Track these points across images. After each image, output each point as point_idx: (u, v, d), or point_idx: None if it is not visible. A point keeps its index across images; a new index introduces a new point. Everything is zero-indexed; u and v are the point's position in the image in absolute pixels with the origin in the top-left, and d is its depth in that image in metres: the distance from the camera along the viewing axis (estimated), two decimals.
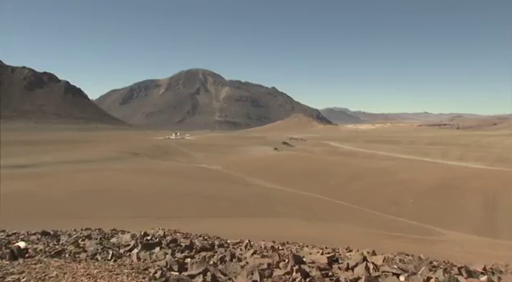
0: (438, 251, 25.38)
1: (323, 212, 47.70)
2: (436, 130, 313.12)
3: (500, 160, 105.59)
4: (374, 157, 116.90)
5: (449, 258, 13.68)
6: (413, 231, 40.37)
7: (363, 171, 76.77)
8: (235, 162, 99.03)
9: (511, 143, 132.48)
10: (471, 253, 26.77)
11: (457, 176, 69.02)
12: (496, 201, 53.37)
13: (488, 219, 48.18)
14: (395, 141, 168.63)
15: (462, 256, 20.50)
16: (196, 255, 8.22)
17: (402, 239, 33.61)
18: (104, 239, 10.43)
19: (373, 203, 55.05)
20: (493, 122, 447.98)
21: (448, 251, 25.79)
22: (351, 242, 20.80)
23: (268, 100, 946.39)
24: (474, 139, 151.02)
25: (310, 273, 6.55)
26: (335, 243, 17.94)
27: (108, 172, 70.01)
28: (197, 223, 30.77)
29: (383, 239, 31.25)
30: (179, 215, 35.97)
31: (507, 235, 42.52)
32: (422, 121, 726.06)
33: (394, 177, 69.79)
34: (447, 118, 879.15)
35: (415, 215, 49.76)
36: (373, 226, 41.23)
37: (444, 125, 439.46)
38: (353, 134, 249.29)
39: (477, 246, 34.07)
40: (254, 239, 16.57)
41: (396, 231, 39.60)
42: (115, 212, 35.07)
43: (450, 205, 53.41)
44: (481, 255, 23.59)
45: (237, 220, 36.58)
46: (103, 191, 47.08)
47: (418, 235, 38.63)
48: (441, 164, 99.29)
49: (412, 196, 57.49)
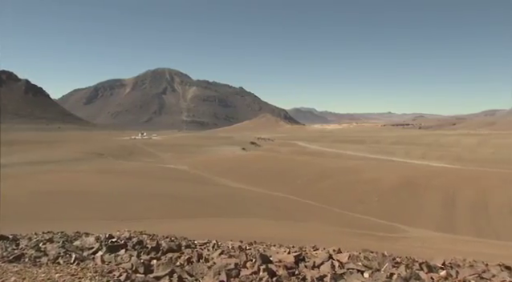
0: (401, 247, 26.10)
1: (291, 212, 48.12)
2: (399, 130, 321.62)
3: (458, 159, 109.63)
4: (340, 156, 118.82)
5: (412, 254, 14.08)
6: (378, 229, 41.30)
7: (330, 170, 77.86)
8: (203, 162, 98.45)
9: (468, 142, 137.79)
10: (432, 249, 27.65)
11: (420, 175, 71.11)
12: (455, 198, 55.38)
13: (448, 215, 49.97)
14: (360, 141, 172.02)
15: (424, 252, 21.13)
16: (162, 256, 8.13)
17: (367, 236, 34.31)
18: (67, 242, 10.14)
19: (340, 201, 55.96)
20: (452, 122, 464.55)
21: (410, 248, 26.56)
22: (319, 240, 21.07)
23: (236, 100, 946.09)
24: (435, 139, 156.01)
25: (276, 272, 6.60)
26: (302, 242, 18.12)
27: (72, 173, 68.18)
28: (164, 224, 30.40)
29: (349, 237, 31.81)
30: (146, 217, 35.41)
31: (465, 231, 44.28)
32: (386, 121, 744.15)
33: (360, 176, 71.15)
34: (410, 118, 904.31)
35: (380, 213, 50.97)
36: (340, 224, 41.92)
37: (407, 125, 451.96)
38: (320, 134, 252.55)
39: (437, 242, 35.22)
40: (222, 239, 16.51)
41: (362, 229, 40.40)
42: (79, 214, 34.15)
43: (413, 203, 55.01)
44: (441, 251, 24.36)
45: (205, 221, 36.39)
46: (67, 193, 45.77)
47: (383, 232, 39.56)
48: (405, 163, 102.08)
49: (377, 195, 58.80)
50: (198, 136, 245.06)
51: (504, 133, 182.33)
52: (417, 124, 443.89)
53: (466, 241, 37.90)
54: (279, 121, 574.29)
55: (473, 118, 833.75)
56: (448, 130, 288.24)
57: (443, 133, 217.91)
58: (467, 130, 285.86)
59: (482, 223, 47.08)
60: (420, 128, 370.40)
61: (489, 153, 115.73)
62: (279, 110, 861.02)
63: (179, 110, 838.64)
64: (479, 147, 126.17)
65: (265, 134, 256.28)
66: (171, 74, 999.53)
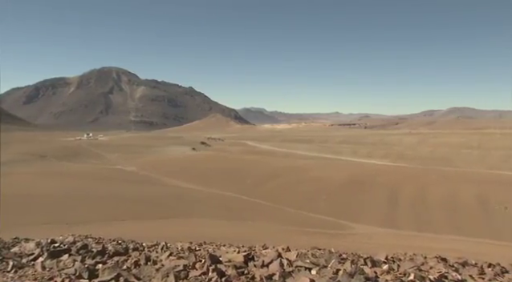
0: (349, 244, 26.96)
1: (241, 211, 48.28)
2: (346, 130, 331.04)
3: (401, 157, 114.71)
4: (290, 156, 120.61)
5: (358, 250, 14.61)
6: (327, 227, 42.36)
7: (279, 169, 78.86)
8: (152, 162, 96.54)
9: (410, 141, 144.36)
10: (377, 244, 28.77)
11: (366, 173, 73.69)
12: (398, 195, 57.91)
13: (391, 212, 52.15)
14: (309, 140, 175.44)
15: (369, 248, 21.94)
16: (108, 260, 7.90)
17: (316, 234, 35.12)
18: (4, 249, 9.61)
19: (289, 200, 56.81)
20: (395, 121, 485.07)
21: (357, 244, 27.50)
22: (268, 239, 21.31)
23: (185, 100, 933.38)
24: (379, 138, 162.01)
25: (226, 272, 6.61)
26: (252, 242, 18.27)
27: (12, 176, 64.48)
28: (111, 227, 29.55)
29: (298, 236, 32.41)
30: (92, 220, 34.22)
31: (407, 226, 46.44)
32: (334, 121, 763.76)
33: (309, 175, 72.60)
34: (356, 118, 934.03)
35: (328, 210, 52.26)
36: (289, 223, 42.58)
37: (353, 124, 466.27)
38: (270, 134, 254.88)
39: (382, 237, 36.70)
40: (172, 240, 16.30)
41: (311, 227, 41.27)
42: (19, 219, 32.38)
43: (360, 200, 56.89)
44: (385, 246, 25.39)
45: (154, 222, 35.74)
46: (6, 197, 43.25)
47: (331, 229, 40.64)
48: (352, 162, 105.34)
49: (325, 193, 60.25)
50: (147, 136, 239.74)
51: (441, 132, 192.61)
52: (363, 124, 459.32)
53: (408, 236, 39.78)
54: (229, 121, 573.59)
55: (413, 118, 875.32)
56: (391, 130, 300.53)
57: (387, 132, 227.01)
58: (408, 129, 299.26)
59: (422, 218, 49.55)
60: (366, 128, 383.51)
61: (429, 151, 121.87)
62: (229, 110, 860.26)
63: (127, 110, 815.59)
64: (419, 146, 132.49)
65: (215, 134, 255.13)
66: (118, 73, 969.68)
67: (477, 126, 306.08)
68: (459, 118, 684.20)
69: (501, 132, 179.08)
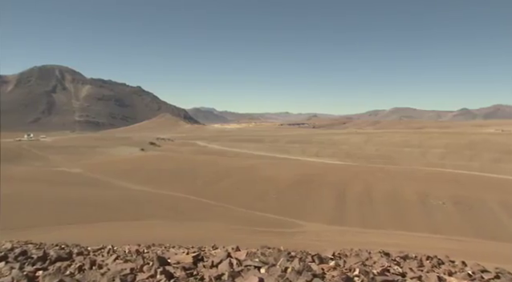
0: (298, 242, 27.42)
1: (192, 212, 47.83)
2: (295, 129, 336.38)
3: (348, 156, 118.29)
4: (240, 155, 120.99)
5: (306, 247, 14.89)
6: (277, 225, 42.86)
7: (230, 169, 78.87)
8: (98, 164, 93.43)
9: (357, 140, 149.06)
10: (325, 241, 29.48)
11: (314, 172, 75.31)
12: (345, 193, 59.72)
13: (339, 209, 53.70)
14: (259, 140, 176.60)
15: (317, 245, 22.46)
16: (50, 266, 7.55)
17: (266, 233, 35.43)
18: None
19: (240, 200, 56.98)
20: (342, 121, 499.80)
21: (306, 241, 28.04)
22: (219, 239, 21.26)
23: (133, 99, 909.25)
24: (328, 137, 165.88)
25: (174, 274, 6.52)
26: (202, 242, 18.15)
27: None
28: (55, 232, 28.29)
29: (248, 235, 32.55)
30: (34, 225, 32.58)
31: (354, 223, 48.01)
32: (283, 120, 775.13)
33: (259, 174, 73.16)
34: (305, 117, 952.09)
35: (278, 209, 52.93)
36: (240, 222, 42.67)
37: (302, 124, 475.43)
38: (220, 134, 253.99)
39: (330, 234, 37.64)
40: (119, 243, 15.88)
41: (262, 225, 41.59)
42: None
43: (309, 199, 58.07)
44: (332, 243, 26.10)
45: (101, 226, 34.58)
46: None
47: (281, 228, 41.15)
48: (301, 161, 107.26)
49: (275, 192, 60.96)
50: (93, 137, 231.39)
51: (386, 132, 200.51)
52: (312, 124, 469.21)
53: (355, 232, 41.05)
54: (179, 121, 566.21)
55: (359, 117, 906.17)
56: (339, 130, 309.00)
57: (334, 132, 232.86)
58: (355, 129, 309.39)
59: (368, 215, 51.43)
60: (314, 127, 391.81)
61: (374, 150, 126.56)
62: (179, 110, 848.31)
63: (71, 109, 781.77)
64: (365, 145, 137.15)
65: (164, 135, 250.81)
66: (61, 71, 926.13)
67: (417, 125, 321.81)
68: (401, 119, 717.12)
69: (439, 131, 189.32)
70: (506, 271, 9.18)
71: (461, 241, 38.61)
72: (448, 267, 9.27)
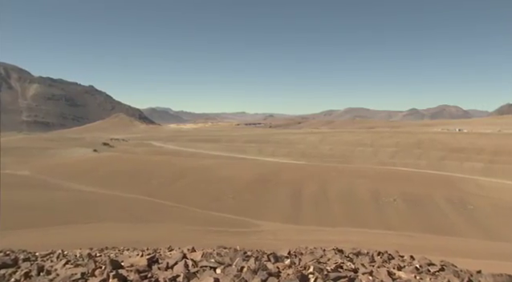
0: (254, 241, 27.59)
1: (147, 213, 46.94)
2: (252, 129, 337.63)
3: (304, 155, 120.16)
4: (197, 156, 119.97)
5: (263, 247, 15.04)
6: (233, 225, 42.89)
7: (186, 170, 78.06)
8: (48, 166, 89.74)
9: (312, 139, 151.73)
10: (281, 240, 29.83)
11: (271, 171, 75.95)
12: (301, 192, 60.68)
13: (295, 208, 54.50)
14: (216, 140, 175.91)
15: (273, 244, 22.71)
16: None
17: (223, 233, 35.37)
18: None
19: (196, 200, 56.56)
20: (298, 121, 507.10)
21: (262, 241, 28.25)
22: (175, 241, 21.05)
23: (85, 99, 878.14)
24: (283, 137, 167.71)
25: (128, 277, 6.42)
26: (158, 244, 17.90)
27: None
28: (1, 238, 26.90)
29: (205, 235, 32.38)
30: None
31: (309, 221, 48.91)
32: (240, 120, 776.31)
33: (216, 174, 72.88)
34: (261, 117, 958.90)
35: (235, 209, 52.98)
36: (197, 223, 42.37)
37: (259, 124, 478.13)
38: (176, 134, 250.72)
39: (286, 233, 38.13)
40: (70, 248, 15.37)
41: (218, 226, 41.48)
42: None
43: (265, 198, 58.51)
44: (288, 241, 26.47)
45: (51, 230, 33.22)
46: None
47: (237, 228, 41.21)
48: (257, 160, 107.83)
49: (232, 192, 60.97)
50: (43, 138, 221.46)
51: (340, 131, 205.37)
52: (268, 123, 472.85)
53: (310, 230, 41.80)
54: (134, 121, 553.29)
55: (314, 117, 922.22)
56: (294, 129, 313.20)
57: (290, 131, 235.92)
58: (310, 128, 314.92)
59: (323, 213, 52.53)
60: (271, 127, 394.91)
61: (328, 149, 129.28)
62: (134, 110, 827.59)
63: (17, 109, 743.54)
64: (320, 144, 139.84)
65: (119, 135, 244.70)
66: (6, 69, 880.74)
67: (370, 125, 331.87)
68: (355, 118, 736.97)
69: (390, 131, 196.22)
70: (450, 263, 9.71)
71: (411, 236, 40.24)
72: (397, 262, 9.68)
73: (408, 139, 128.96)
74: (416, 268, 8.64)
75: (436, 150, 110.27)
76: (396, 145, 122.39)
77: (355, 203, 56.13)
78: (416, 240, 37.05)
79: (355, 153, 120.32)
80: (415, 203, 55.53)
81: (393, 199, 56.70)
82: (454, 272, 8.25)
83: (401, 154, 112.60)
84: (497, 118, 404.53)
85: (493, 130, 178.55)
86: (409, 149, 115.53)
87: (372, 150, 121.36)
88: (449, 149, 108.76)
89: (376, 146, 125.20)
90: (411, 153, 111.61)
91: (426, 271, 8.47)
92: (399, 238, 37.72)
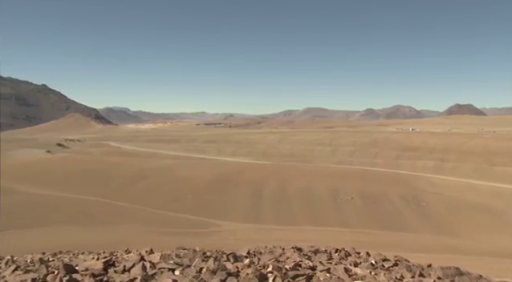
0: (214, 241, 27.52)
1: (104, 215, 45.79)
2: (212, 129, 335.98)
3: (264, 155, 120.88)
4: (156, 156, 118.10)
5: (223, 247, 15.02)
6: (193, 226, 42.58)
7: (145, 170, 76.71)
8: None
9: (272, 139, 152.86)
10: (241, 240, 29.92)
11: (231, 171, 75.96)
12: (261, 191, 61.04)
13: (255, 207, 54.75)
14: (175, 140, 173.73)
15: (234, 244, 22.73)
16: None
17: (183, 234, 35.07)
18: None
19: (155, 201, 55.66)
20: (258, 121, 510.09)
21: (222, 241, 28.22)
22: (133, 243, 20.64)
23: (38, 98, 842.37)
24: (244, 137, 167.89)
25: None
26: (115, 247, 17.48)
27: None
28: None
29: (164, 236, 31.99)
30: None
31: (269, 220, 49.26)
32: (200, 120, 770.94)
33: (175, 175, 72.07)
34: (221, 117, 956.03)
35: (195, 209, 52.54)
36: (156, 224, 41.77)
37: (219, 124, 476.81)
38: (134, 134, 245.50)
39: (246, 232, 38.28)
40: (20, 253, 14.74)
41: (178, 227, 41.08)
42: None
43: (225, 198, 58.41)
44: (248, 241, 26.54)
45: (2, 235, 31.72)
46: None
47: (197, 228, 40.97)
48: (217, 160, 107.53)
49: (192, 192, 60.46)
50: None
51: (299, 131, 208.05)
52: (228, 123, 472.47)
53: (270, 229, 42.17)
54: (90, 121, 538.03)
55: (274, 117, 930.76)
56: (254, 129, 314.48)
57: (250, 131, 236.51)
58: (270, 128, 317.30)
59: (283, 212, 53.05)
60: (231, 127, 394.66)
61: (288, 149, 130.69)
62: (90, 110, 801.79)
63: None
64: (280, 144, 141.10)
65: (74, 135, 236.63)
66: None
67: (328, 125, 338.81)
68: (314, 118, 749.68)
69: (348, 130, 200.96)
70: (404, 258, 10.07)
71: (367, 233, 41.42)
72: (354, 259, 9.94)
73: (365, 139, 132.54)
74: (372, 264, 8.91)
75: (391, 149, 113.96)
76: (353, 144, 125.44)
77: (314, 202, 57.08)
78: (372, 237, 38.18)
79: (314, 152, 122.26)
80: (371, 201, 57.15)
81: (351, 198, 58.09)
82: (407, 267, 8.56)
83: (358, 153, 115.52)
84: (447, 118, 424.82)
85: (443, 130, 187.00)
86: (366, 148, 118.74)
87: (331, 149, 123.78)
88: (403, 148, 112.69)
89: (335, 145, 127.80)
90: (367, 152, 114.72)
91: (381, 266, 8.75)
92: (356, 235, 38.74)
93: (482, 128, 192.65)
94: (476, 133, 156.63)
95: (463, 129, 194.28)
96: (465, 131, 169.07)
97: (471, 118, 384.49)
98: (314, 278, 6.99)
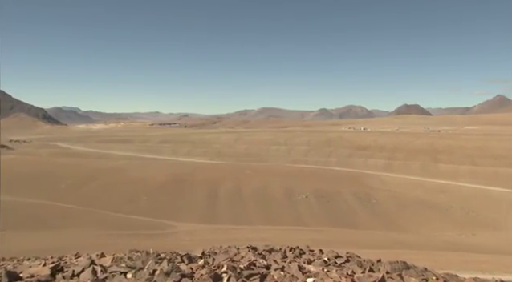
0: (169, 243, 27.14)
1: (53, 219, 43.94)
2: (166, 129, 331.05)
3: (219, 155, 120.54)
4: (108, 157, 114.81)
5: (178, 248, 14.86)
6: (148, 227, 41.79)
7: (96, 172, 74.41)
8: None
9: (227, 139, 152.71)
10: (197, 240, 29.71)
11: (186, 171, 75.17)
12: (217, 191, 60.88)
13: (211, 207, 54.57)
14: (129, 140, 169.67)
15: (189, 245, 22.53)
16: None
17: (137, 236, 34.33)
18: None
19: (108, 203, 54.22)
20: (213, 120, 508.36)
21: (178, 242, 27.90)
22: (84, 247, 19.99)
23: None
24: (199, 137, 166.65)
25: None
26: (64, 251, 16.83)
27: None
28: None
29: (118, 239, 31.19)
30: None
31: (225, 220, 49.29)
32: (154, 120, 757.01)
33: (129, 176, 70.44)
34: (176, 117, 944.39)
35: (150, 211, 51.64)
36: (109, 227, 40.64)
37: (173, 124, 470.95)
38: (85, 135, 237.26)
39: (202, 233, 38.06)
40: None
41: (132, 229, 40.17)
42: None
43: (180, 198, 57.80)
44: (204, 241, 26.42)
45: None
46: None
47: (152, 230, 40.24)
48: (172, 161, 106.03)
49: (146, 193, 59.36)
50: None
51: (255, 130, 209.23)
52: (183, 123, 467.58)
53: (226, 229, 42.13)
54: (37, 121, 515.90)
55: (230, 117, 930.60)
56: (210, 129, 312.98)
57: (206, 131, 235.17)
58: (226, 128, 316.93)
59: (238, 212, 53.23)
60: (186, 127, 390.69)
61: (244, 148, 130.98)
62: (37, 110, 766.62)
63: None
64: (236, 144, 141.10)
65: (19, 136, 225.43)
66: None
67: (283, 124, 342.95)
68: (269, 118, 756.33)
69: (302, 130, 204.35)
70: (355, 254, 10.38)
71: (321, 231, 42.33)
72: (308, 257, 10.14)
73: (319, 138, 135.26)
74: (325, 261, 9.13)
75: (344, 148, 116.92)
76: (308, 144, 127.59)
77: (270, 201, 57.64)
78: (326, 234, 39.05)
79: (269, 152, 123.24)
80: (325, 199, 58.45)
81: (305, 196, 59.11)
82: (358, 263, 8.84)
83: (313, 152, 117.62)
84: (396, 117, 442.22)
85: (392, 129, 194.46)
86: (320, 147, 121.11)
87: (286, 148, 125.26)
88: (355, 147, 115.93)
89: (290, 144, 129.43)
90: (322, 151, 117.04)
91: (333, 263, 8.99)
92: (310, 233, 39.48)
93: (428, 127, 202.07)
94: (422, 132, 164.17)
95: (410, 128, 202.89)
96: (412, 131, 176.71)
97: (418, 117, 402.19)
98: (269, 277, 7.07)
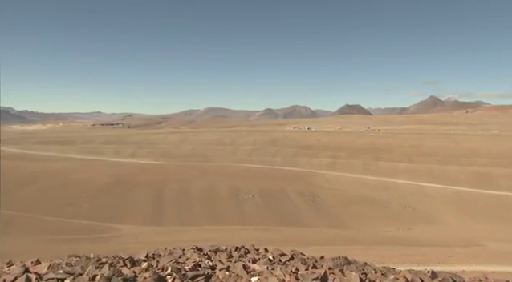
0: (112, 246, 26.40)
1: None
2: (109, 130, 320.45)
3: (165, 155, 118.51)
4: (46, 159, 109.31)
5: (122, 251, 14.46)
6: (90, 231, 40.39)
7: (33, 174, 70.64)
8: None
9: (173, 139, 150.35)
10: (141, 243, 29.12)
11: (130, 173, 73.33)
12: (162, 192, 59.88)
13: (156, 209, 53.62)
14: (69, 141, 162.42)
15: (133, 248, 22.04)
16: None
17: (77, 241, 33.11)
18: None
19: (46, 207, 51.71)
20: (158, 121, 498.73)
21: (121, 245, 27.20)
22: (18, 254, 18.96)
23: None
24: (144, 137, 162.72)
25: None
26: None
27: None
28: None
29: (57, 245, 29.93)
30: None
31: (172, 222, 48.64)
32: (95, 120, 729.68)
33: (69, 178, 67.57)
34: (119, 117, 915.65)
35: (92, 214, 49.87)
36: (47, 232, 38.87)
37: (116, 124, 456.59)
38: (20, 136, 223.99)
39: (147, 235, 37.31)
40: None
41: (73, 233, 38.68)
42: None
43: (124, 200, 56.26)
44: (149, 243, 25.90)
45: None
46: None
47: (94, 234, 38.93)
48: (115, 162, 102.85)
49: (88, 196, 57.22)
50: None
51: (200, 131, 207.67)
52: (126, 123, 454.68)
53: (172, 231, 41.60)
54: None
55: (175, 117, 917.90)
56: (155, 129, 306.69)
57: (151, 131, 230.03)
58: (171, 128, 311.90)
59: (185, 213, 52.70)
60: (130, 127, 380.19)
61: (190, 148, 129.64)
62: None
63: None
64: (182, 144, 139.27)
65: None
66: None
67: (229, 124, 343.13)
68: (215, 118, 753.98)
69: (248, 130, 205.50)
70: (299, 252, 10.66)
71: (267, 230, 42.92)
72: (253, 256, 10.28)
73: (265, 138, 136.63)
74: (270, 260, 9.30)
75: (289, 147, 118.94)
76: (253, 143, 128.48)
77: (216, 201, 57.53)
78: (272, 233, 39.63)
79: (216, 152, 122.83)
80: (271, 198, 59.21)
81: (251, 196, 59.56)
82: (302, 260, 9.10)
83: (258, 152, 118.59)
84: (339, 117, 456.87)
85: (335, 129, 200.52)
86: (266, 147, 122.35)
87: (232, 148, 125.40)
88: (300, 146, 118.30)
89: (236, 144, 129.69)
90: (267, 151, 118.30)
91: (278, 261, 9.18)
92: (256, 232, 39.89)
93: (369, 127, 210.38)
94: (363, 131, 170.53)
95: (352, 128, 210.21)
96: (354, 130, 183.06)
97: (360, 117, 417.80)
98: (214, 277, 7.13)
